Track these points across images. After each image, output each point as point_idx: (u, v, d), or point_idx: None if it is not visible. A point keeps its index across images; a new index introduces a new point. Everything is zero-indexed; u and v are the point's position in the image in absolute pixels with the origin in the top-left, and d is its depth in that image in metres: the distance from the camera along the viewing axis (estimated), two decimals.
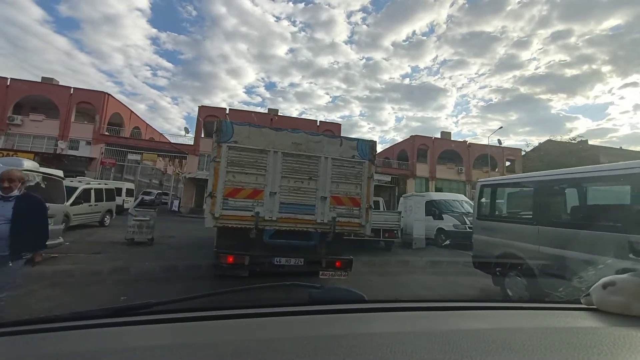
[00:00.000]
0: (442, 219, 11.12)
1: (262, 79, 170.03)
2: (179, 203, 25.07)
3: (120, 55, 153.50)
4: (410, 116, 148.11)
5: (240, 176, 4.44)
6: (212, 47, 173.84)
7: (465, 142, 32.46)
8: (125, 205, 20.23)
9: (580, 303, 1.05)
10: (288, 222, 4.56)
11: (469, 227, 10.38)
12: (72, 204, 10.09)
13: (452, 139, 32.88)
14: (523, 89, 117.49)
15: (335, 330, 0.82)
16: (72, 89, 24.17)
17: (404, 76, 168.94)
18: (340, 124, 29.15)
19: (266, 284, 1.20)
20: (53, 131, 23.72)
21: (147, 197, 28.73)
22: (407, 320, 0.94)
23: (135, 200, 11.40)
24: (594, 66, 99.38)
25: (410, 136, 31.57)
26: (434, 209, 11.39)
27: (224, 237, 4.64)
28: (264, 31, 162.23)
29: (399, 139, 31.09)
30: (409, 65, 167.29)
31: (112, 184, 20.25)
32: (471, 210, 11.63)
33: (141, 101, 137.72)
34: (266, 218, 4.47)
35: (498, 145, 31.79)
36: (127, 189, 20.13)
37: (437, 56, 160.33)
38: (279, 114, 29.02)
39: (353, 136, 6.31)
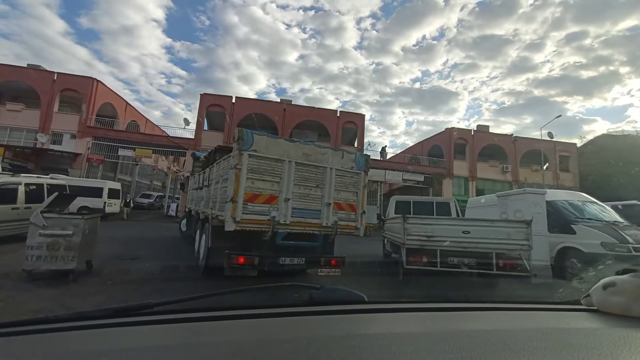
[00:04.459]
0: (571, 232, 6.72)
1: (273, 85, 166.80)
2: (177, 207, 21.28)
3: (137, 64, 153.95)
4: (421, 120, 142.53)
5: (259, 183, 4.61)
6: (225, 55, 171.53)
7: (510, 135, 27.70)
8: (108, 209, 16.72)
9: (580, 304, 1.01)
10: (298, 226, 4.86)
11: (636, 248, 6.00)
12: None
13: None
14: (537, 92, 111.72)
15: (335, 331, 0.81)
16: (55, 74, 20.91)
17: (414, 80, 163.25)
18: (363, 115, 24.98)
19: (266, 285, 1.26)
20: (33, 123, 20.45)
21: (145, 200, 25.27)
22: (407, 321, 0.94)
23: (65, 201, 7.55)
24: (611, 67, 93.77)
25: (446, 129, 27.01)
26: (551, 217, 7.04)
27: (225, 239, 4.70)
28: (274, 38, 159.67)
29: (410, 143, 27.74)
30: (419, 70, 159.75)
31: (91, 182, 16.82)
32: (618, 218, 7.26)
33: (156, 108, 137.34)
34: (281, 222, 4.69)
35: (549, 139, 26.89)
36: (110, 189, 16.37)
37: (447, 60, 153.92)
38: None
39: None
